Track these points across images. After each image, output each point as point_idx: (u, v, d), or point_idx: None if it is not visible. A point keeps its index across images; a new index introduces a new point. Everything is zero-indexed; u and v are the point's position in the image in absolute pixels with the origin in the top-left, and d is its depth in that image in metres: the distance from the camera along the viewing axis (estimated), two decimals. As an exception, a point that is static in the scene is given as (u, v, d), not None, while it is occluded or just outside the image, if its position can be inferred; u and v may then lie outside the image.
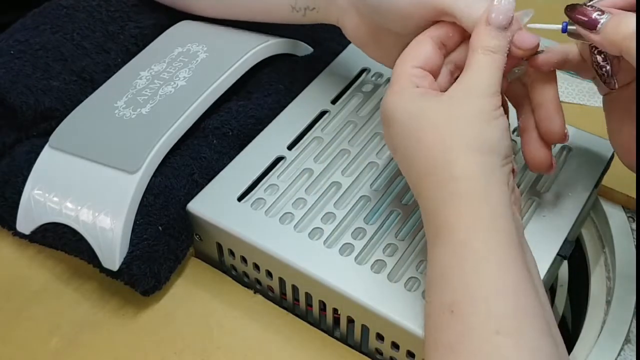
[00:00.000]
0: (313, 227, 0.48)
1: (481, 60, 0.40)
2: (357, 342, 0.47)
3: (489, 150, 0.38)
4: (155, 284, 0.48)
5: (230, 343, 0.47)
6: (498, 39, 0.40)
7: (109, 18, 0.59)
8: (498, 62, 0.40)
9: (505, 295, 0.36)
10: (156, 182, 0.50)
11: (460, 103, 0.39)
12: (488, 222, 0.37)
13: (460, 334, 0.35)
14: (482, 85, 0.39)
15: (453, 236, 0.37)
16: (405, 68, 0.42)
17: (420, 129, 0.39)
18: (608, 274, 0.55)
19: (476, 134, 0.38)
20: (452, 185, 0.38)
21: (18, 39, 0.56)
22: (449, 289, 0.37)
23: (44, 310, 0.49)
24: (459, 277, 0.37)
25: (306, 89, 0.57)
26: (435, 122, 0.39)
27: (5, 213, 0.51)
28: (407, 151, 0.40)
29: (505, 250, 0.37)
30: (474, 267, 0.36)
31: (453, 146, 0.38)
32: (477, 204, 0.37)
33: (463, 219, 0.37)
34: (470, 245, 0.37)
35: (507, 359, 0.34)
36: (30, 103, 0.53)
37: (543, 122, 0.44)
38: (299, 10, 0.51)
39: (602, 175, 0.52)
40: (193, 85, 0.53)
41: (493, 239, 0.37)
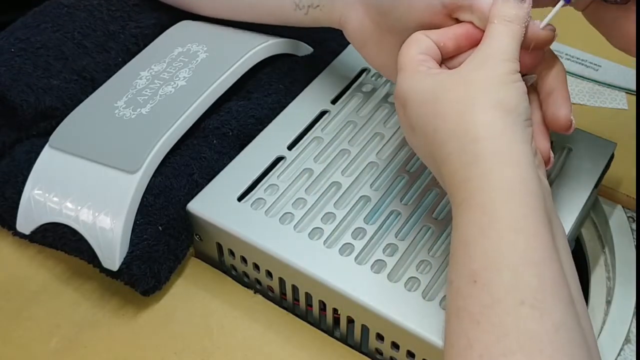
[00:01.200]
0: (313, 227, 0.48)
1: (499, 29, 0.40)
2: (357, 342, 0.47)
3: (510, 110, 0.38)
4: (155, 284, 0.48)
5: (230, 343, 0.47)
6: (516, 9, 0.40)
7: (109, 17, 0.59)
8: (516, 32, 0.40)
9: (531, 266, 0.35)
10: (156, 182, 0.50)
11: (477, 69, 0.40)
12: (514, 184, 0.36)
13: (484, 303, 0.35)
14: (499, 51, 0.40)
15: (478, 200, 0.37)
16: (411, 54, 0.42)
17: (438, 100, 0.39)
18: (608, 274, 0.55)
19: (495, 95, 0.38)
20: (475, 146, 0.37)
21: (19, 37, 0.56)
22: (473, 257, 0.36)
23: (44, 310, 0.49)
24: (484, 245, 0.36)
25: (306, 89, 0.57)
26: (453, 90, 0.39)
27: (5, 213, 0.51)
28: (427, 126, 0.40)
29: (532, 218, 0.36)
30: (500, 236, 0.36)
31: (474, 108, 0.38)
32: (502, 163, 0.37)
33: (488, 181, 0.37)
34: (496, 210, 0.36)
35: (530, 331, 0.34)
36: (30, 101, 0.53)
37: (551, 108, 0.43)
38: (302, 8, 0.51)
39: (602, 175, 0.52)
40: (193, 85, 0.53)
41: (520, 204, 0.36)
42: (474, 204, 0.37)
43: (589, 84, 0.65)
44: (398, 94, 0.42)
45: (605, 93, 0.65)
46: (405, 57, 0.42)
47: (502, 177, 0.37)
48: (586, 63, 0.67)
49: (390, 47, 0.47)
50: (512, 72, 0.39)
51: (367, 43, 0.49)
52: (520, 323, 0.34)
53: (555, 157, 0.52)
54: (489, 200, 0.36)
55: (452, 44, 0.43)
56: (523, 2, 0.41)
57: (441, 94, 0.39)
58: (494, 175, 0.37)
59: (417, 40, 0.43)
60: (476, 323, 0.35)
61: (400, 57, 0.43)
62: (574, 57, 0.67)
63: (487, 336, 0.34)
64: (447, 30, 0.43)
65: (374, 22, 0.47)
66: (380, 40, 0.48)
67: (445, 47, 0.43)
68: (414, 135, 0.42)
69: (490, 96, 0.38)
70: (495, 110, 0.38)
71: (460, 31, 0.43)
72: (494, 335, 0.34)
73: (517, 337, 0.34)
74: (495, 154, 0.37)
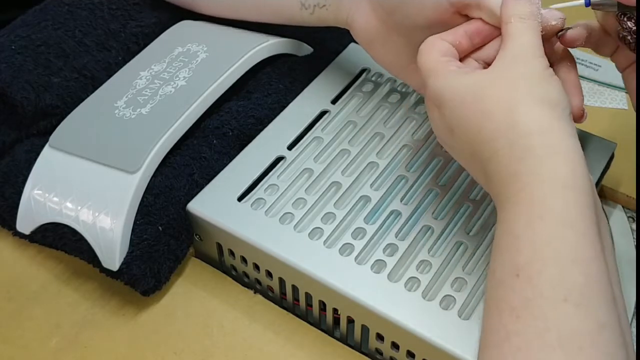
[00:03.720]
0: (313, 227, 0.48)
1: (518, 27, 0.40)
2: (357, 342, 0.47)
3: (554, 104, 0.38)
4: (155, 284, 0.48)
5: (230, 343, 0.47)
6: (528, 6, 0.41)
7: (110, 16, 0.59)
8: (534, 27, 0.40)
9: (579, 263, 0.35)
10: (156, 182, 0.50)
11: (512, 67, 0.39)
12: (566, 179, 0.36)
13: (526, 298, 0.34)
14: (528, 48, 0.40)
15: (528, 193, 0.36)
16: (435, 57, 0.42)
17: (480, 99, 0.39)
18: (608, 274, 0.55)
19: (539, 91, 0.38)
20: (526, 141, 0.37)
21: (19, 34, 0.56)
22: (519, 249, 0.36)
23: (44, 310, 0.49)
24: (532, 238, 0.35)
25: (306, 89, 0.57)
26: (494, 88, 0.39)
27: (5, 213, 0.51)
28: (470, 126, 0.39)
29: (582, 214, 0.36)
30: (549, 230, 0.35)
31: (520, 104, 0.38)
32: (554, 157, 0.36)
33: (540, 174, 0.36)
34: (545, 204, 0.36)
35: (572, 328, 0.33)
36: (31, 99, 0.53)
37: None
38: (307, 7, 0.51)
39: (602, 175, 0.52)
40: (193, 85, 0.53)
41: (571, 199, 0.36)
42: (523, 198, 0.36)
43: (589, 84, 0.65)
44: (432, 96, 0.41)
45: (605, 93, 0.65)
46: (430, 62, 0.42)
47: (554, 171, 0.36)
48: (586, 63, 0.67)
49: (398, 45, 0.47)
50: (547, 67, 0.39)
51: (374, 42, 0.49)
52: (563, 320, 0.34)
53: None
54: (540, 194, 0.36)
55: (466, 42, 0.43)
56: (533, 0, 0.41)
57: (483, 93, 0.39)
58: (545, 169, 0.36)
59: (434, 44, 0.42)
60: (516, 317, 0.34)
61: (423, 63, 0.42)
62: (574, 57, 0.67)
63: (528, 330, 0.34)
64: (459, 29, 0.43)
65: (381, 21, 0.47)
66: (387, 39, 0.48)
67: (460, 45, 0.43)
68: (452, 136, 0.41)
69: (534, 92, 0.38)
70: (541, 106, 0.38)
71: (471, 28, 0.43)
72: (534, 330, 0.34)
73: (559, 333, 0.33)
74: (546, 147, 0.37)
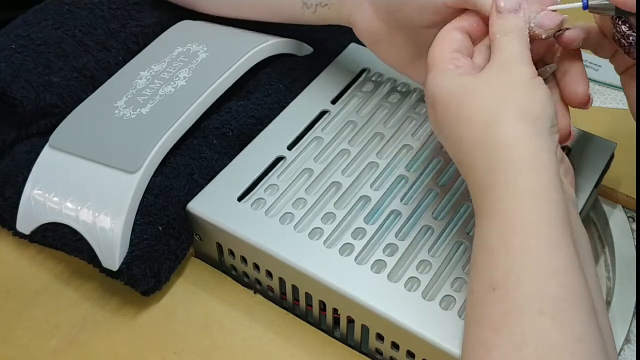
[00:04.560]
0: (313, 227, 0.48)
1: (503, 41, 0.40)
2: (357, 342, 0.47)
3: (535, 118, 0.38)
4: (155, 284, 0.48)
5: (230, 343, 0.47)
6: (512, 20, 0.41)
7: (110, 15, 0.59)
8: (520, 39, 0.40)
9: (551, 275, 0.35)
10: (156, 182, 0.50)
11: (498, 76, 0.39)
12: (538, 193, 0.36)
13: (503, 312, 0.34)
14: (513, 58, 0.40)
15: (501, 207, 0.37)
16: (442, 51, 0.42)
17: (465, 106, 0.39)
18: (608, 274, 0.55)
19: (520, 103, 0.38)
20: (501, 154, 0.37)
21: (20, 33, 0.56)
22: (494, 265, 0.36)
23: (44, 310, 0.49)
24: (505, 252, 0.36)
25: (306, 89, 0.57)
26: (478, 96, 0.39)
27: (5, 213, 0.51)
28: (453, 129, 0.40)
29: (555, 226, 0.36)
30: (522, 243, 0.35)
31: (499, 116, 0.38)
32: (527, 172, 0.37)
33: (512, 188, 0.37)
34: (518, 217, 0.36)
35: (550, 340, 0.33)
36: (31, 98, 0.53)
37: (569, 85, 0.44)
38: (309, 6, 0.51)
39: (602, 175, 0.52)
40: (193, 85, 0.53)
41: (542, 212, 0.36)
42: (496, 212, 0.37)
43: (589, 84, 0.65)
44: (427, 93, 0.42)
45: (605, 93, 0.65)
46: (437, 55, 0.42)
47: (526, 186, 0.36)
48: (586, 63, 0.67)
49: (401, 43, 0.47)
50: (532, 75, 0.39)
51: (377, 41, 0.49)
52: (540, 333, 0.34)
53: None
54: (512, 208, 0.36)
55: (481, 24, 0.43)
56: (518, 12, 0.41)
57: (466, 100, 0.39)
58: (518, 184, 0.37)
59: (448, 37, 0.43)
60: (494, 331, 0.35)
61: (431, 53, 0.42)
62: (574, 57, 0.67)
63: (506, 345, 0.34)
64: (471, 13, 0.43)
65: (383, 20, 0.47)
66: (390, 37, 0.48)
67: (478, 28, 0.43)
68: (441, 134, 0.42)
69: (515, 104, 0.38)
70: (521, 119, 0.38)
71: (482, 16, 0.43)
72: (512, 344, 0.34)
73: (536, 347, 0.33)
74: (520, 162, 0.37)
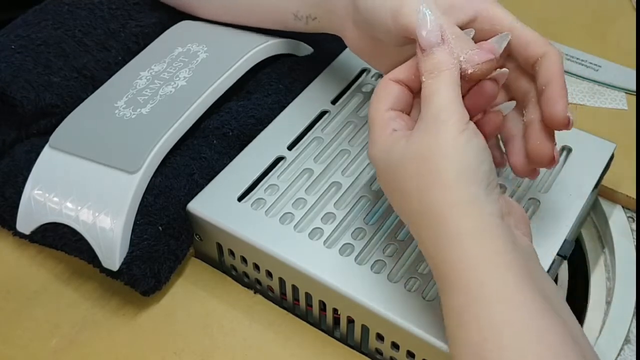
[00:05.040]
0: (313, 227, 0.48)
1: (428, 86, 0.39)
2: (357, 342, 0.47)
3: (469, 182, 0.37)
4: (156, 284, 0.48)
5: (230, 343, 0.47)
6: (435, 57, 0.39)
7: (110, 16, 0.59)
8: (446, 80, 0.38)
9: (535, 338, 0.34)
10: (156, 182, 0.50)
11: (424, 138, 0.38)
12: (490, 259, 0.36)
13: None
14: (438, 111, 0.38)
15: (459, 282, 0.36)
16: (378, 112, 0.41)
17: (399, 178, 0.39)
18: (608, 275, 0.55)
19: (449, 168, 0.37)
20: (440, 229, 0.36)
21: (19, 34, 0.56)
22: (471, 338, 0.35)
23: (44, 310, 0.49)
24: (478, 327, 0.35)
25: (306, 89, 0.57)
26: (409, 168, 0.38)
27: (5, 213, 0.51)
28: (395, 200, 0.40)
29: (519, 287, 0.35)
30: (491, 314, 0.35)
31: (430, 187, 0.37)
32: (472, 241, 0.36)
33: (463, 261, 0.36)
34: (481, 292, 0.35)
35: None
36: (30, 98, 0.53)
37: (545, 106, 0.42)
38: (301, 18, 0.51)
39: (602, 175, 0.52)
40: (193, 86, 0.53)
41: (502, 277, 0.35)
42: (457, 287, 0.36)
43: (589, 84, 0.65)
44: (370, 159, 0.41)
45: (605, 93, 0.65)
46: (373, 115, 0.41)
47: (475, 255, 0.36)
48: (586, 63, 0.67)
49: (390, 53, 0.46)
50: (460, 131, 0.37)
51: (366, 52, 0.49)
52: None
53: (555, 157, 0.52)
54: (471, 280, 0.35)
55: None
56: (440, 45, 0.39)
57: (401, 170, 0.38)
58: (467, 255, 0.36)
59: (384, 90, 0.42)
60: None
61: (369, 112, 0.42)
62: (574, 57, 0.68)
63: None
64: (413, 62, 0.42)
65: (367, 34, 0.47)
66: (378, 49, 0.47)
67: (417, 80, 0.41)
68: (392, 204, 0.41)
69: (446, 170, 0.37)
70: (454, 186, 0.37)
71: None
72: None
73: None
74: (462, 235, 0.36)
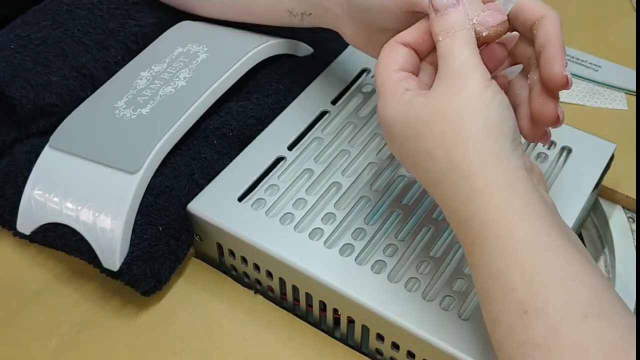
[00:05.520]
0: (313, 227, 0.48)
1: (446, 44, 0.38)
2: (357, 343, 0.47)
3: (495, 136, 0.37)
4: (156, 284, 0.48)
5: (230, 343, 0.47)
6: (452, 16, 0.38)
7: (109, 15, 0.59)
8: (463, 38, 0.38)
9: (576, 279, 0.34)
10: (156, 183, 0.50)
11: (448, 94, 0.37)
12: (521, 210, 0.35)
13: (548, 330, 0.33)
14: (461, 68, 0.38)
15: (492, 232, 0.35)
16: (387, 73, 0.40)
17: (423, 136, 0.38)
18: (608, 275, 0.55)
19: (477, 121, 0.37)
20: (468, 183, 0.36)
21: (19, 34, 0.56)
22: (514, 287, 0.34)
23: (43, 310, 0.49)
24: (519, 272, 0.34)
25: (306, 89, 0.57)
26: (433, 124, 0.38)
27: (6, 213, 0.51)
28: (417, 160, 0.39)
29: (552, 235, 0.35)
30: (532, 258, 0.34)
31: (457, 142, 0.37)
32: (500, 196, 0.36)
33: (493, 214, 0.35)
34: (516, 235, 0.35)
35: (609, 341, 0.32)
36: (30, 97, 0.53)
37: (544, 67, 0.41)
38: (296, 15, 0.51)
39: (602, 175, 0.52)
40: (193, 86, 0.53)
41: (536, 225, 0.35)
42: (489, 237, 0.36)
43: (589, 84, 0.65)
44: (381, 121, 0.40)
45: (605, 93, 0.65)
46: (383, 77, 0.40)
47: (505, 208, 0.35)
48: (586, 63, 0.67)
49: None
50: (484, 87, 0.37)
51: (365, 45, 0.49)
52: (596, 336, 0.32)
53: (555, 157, 0.52)
54: (504, 230, 0.35)
55: (429, 37, 0.41)
56: (457, 5, 0.39)
57: (423, 130, 0.38)
58: (496, 208, 0.36)
59: (391, 52, 0.41)
60: (548, 352, 0.33)
61: (377, 75, 0.41)
62: (574, 57, 0.68)
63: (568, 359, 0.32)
64: (421, 24, 0.41)
65: (363, 27, 0.47)
66: (377, 40, 0.47)
67: (423, 43, 0.41)
68: (406, 165, 0.41)
69: (472, 124, 0.37)
70: (480, 139, 0.36)
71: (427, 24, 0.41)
72: (574, 358, 0.32)
73: (600, 351, 0.32)
74: (490, 187, 0.36)
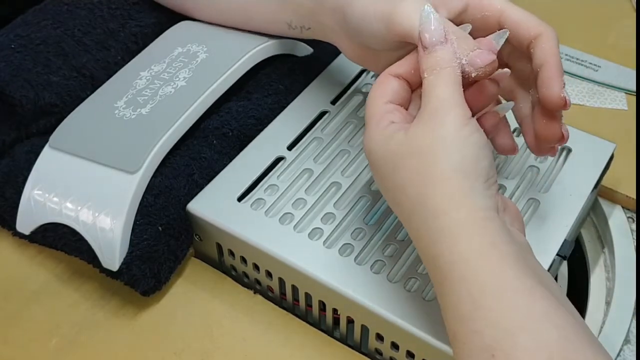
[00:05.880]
0: (313, 227, 0.48)
1: (429, 82, 0.38)
2: (356, 343, 0.47)
3: (466, 175, 0.36)
4: (156, 284, 0.48)
5: (230, 343, 0.47)
6: (439, 54, 0.39)
7: (109, 15, 0.59)
8: (448, 76, 0.38)
9: (544, 320, 0.34)
10: (156, 183, 0.50)
11: (426, 130, 0.37)
12: (485, 253, 0.35)
13: None
14: (440, 105, 0.38)
15: (457, 274, 0.35)
16: (376, 105, 0.41)
17: (397, 170, 0.38)
18: (608, 275, 0.55)
19: (449, 160, 0.37)
20: (435, 222, 0.36)
21: (19, 33, 0.56)
22: (479, 332, 0.34)
23: (43, 310, 0.49)
24: (484, 319, 0.34)
25: (306, 89, 0.57)
26: (407, 158, 0.38)
27: (6, 213, 0.51)
28: (392, 195, 0.39)
29: (518, 276, 0.35)
30: (497, 301, 0.34)
31: (427, 179, 0.37)
32: (465, 237, 0.35)
33: (459, 254, 0.35)
34: (478, 282, 0.35)
35: None
36: (30, 97, 0.53)
37: (541, 88, 0.41)
38: (295, 28, 0.51)
39: (602, 175, 0.52)
40: (193, 86, 0.53)
41: (499, 268, 0.35)
42: (455, 279, 0.35)
43: (589, 84, 0.65)
44: (366, 154, 0.41)
45: (605, 93, 0.65)
46: (371, 109, 0.41)
47: (470, 249, 0.35)
48: (586, 64, 0.67)
49: (384, 57, 0.46)
50: (462, 124, 0.37)
51: (362, 60, 0.48)
52: None
53: (555, 157, 0.52)
54: (469, 272, 0.35)
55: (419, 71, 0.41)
56: (443, 43, 0.39)
57: (399, 163, 0.38)
58: (461, 249, 0.35)
59: (382, 84, 0.41)
60: None
61: (366, 106, 0.41)
62: (574, 57, 0.68)
63: None
64: (412, 57, 0.41)
65: (359, 44, 0.47)
66: (371, 55, 0.47)
67: (416, 74, 0.41)
68: (385, 198, 0.41)
69: (444, 162, 0.37)
70: (450, 178, 0.36)
71: None
72: None
73: None
74: (457, 227, 0.36)
